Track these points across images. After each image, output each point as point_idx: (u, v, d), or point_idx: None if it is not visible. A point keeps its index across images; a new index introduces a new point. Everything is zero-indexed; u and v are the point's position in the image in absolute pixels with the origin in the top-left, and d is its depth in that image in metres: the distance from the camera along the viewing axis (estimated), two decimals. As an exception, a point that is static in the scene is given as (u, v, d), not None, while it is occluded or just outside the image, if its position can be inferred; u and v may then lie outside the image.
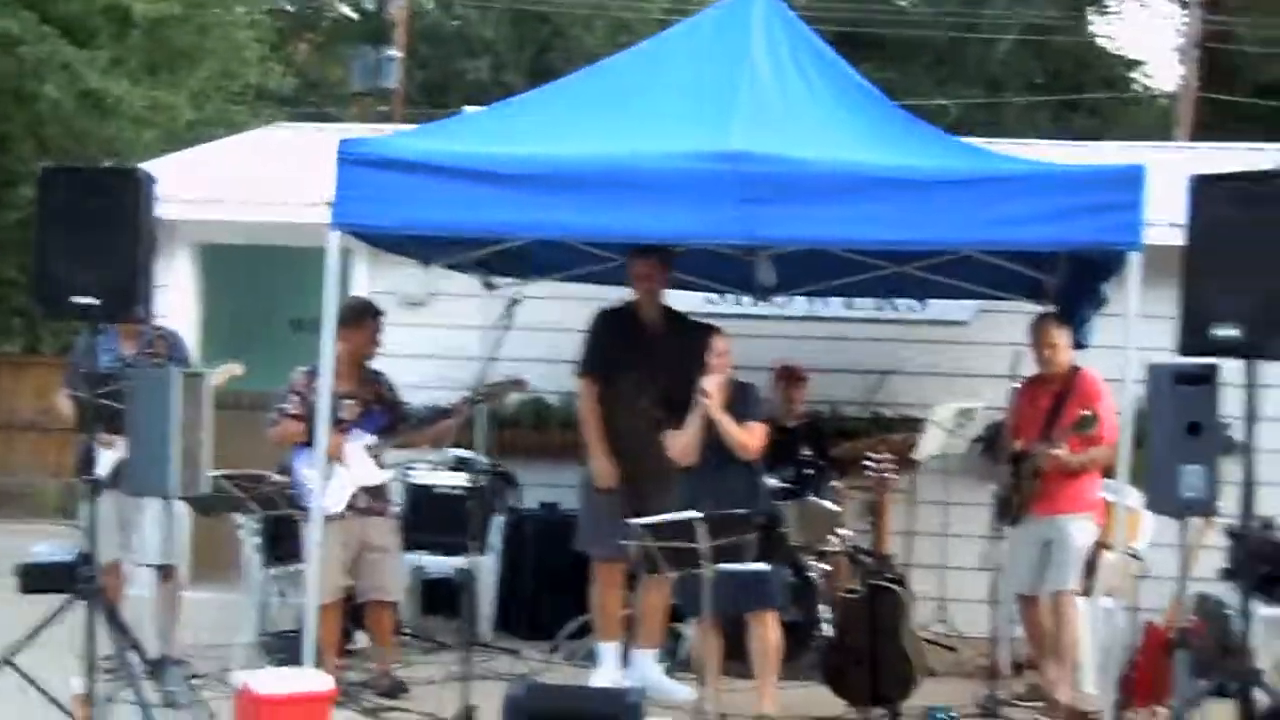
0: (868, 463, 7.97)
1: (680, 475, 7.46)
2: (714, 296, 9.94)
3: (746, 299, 9.76)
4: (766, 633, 7.29)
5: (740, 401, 7.35)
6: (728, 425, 7.22)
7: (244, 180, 10.77)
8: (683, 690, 7.80)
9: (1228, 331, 5.69)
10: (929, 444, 8.91)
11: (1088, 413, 7.52)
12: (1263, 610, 7.85)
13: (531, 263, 9.01)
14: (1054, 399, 7.86)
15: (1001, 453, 7.96)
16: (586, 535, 8.07)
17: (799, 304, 10.02)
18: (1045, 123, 25.05)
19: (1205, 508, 6.10)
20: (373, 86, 25.13)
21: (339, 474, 7.71)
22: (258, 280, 11.51)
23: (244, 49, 19.08)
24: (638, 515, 7.07)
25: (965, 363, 9.82)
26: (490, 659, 8.60)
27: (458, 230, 7.31)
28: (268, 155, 11.80)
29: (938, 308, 10.05)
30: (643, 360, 7.93)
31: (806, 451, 8.93)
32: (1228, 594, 7.84)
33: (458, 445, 9.26)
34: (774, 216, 6.66)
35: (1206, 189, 5.87)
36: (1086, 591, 7.94)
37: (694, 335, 7.69)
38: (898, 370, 10.02)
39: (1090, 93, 27.10)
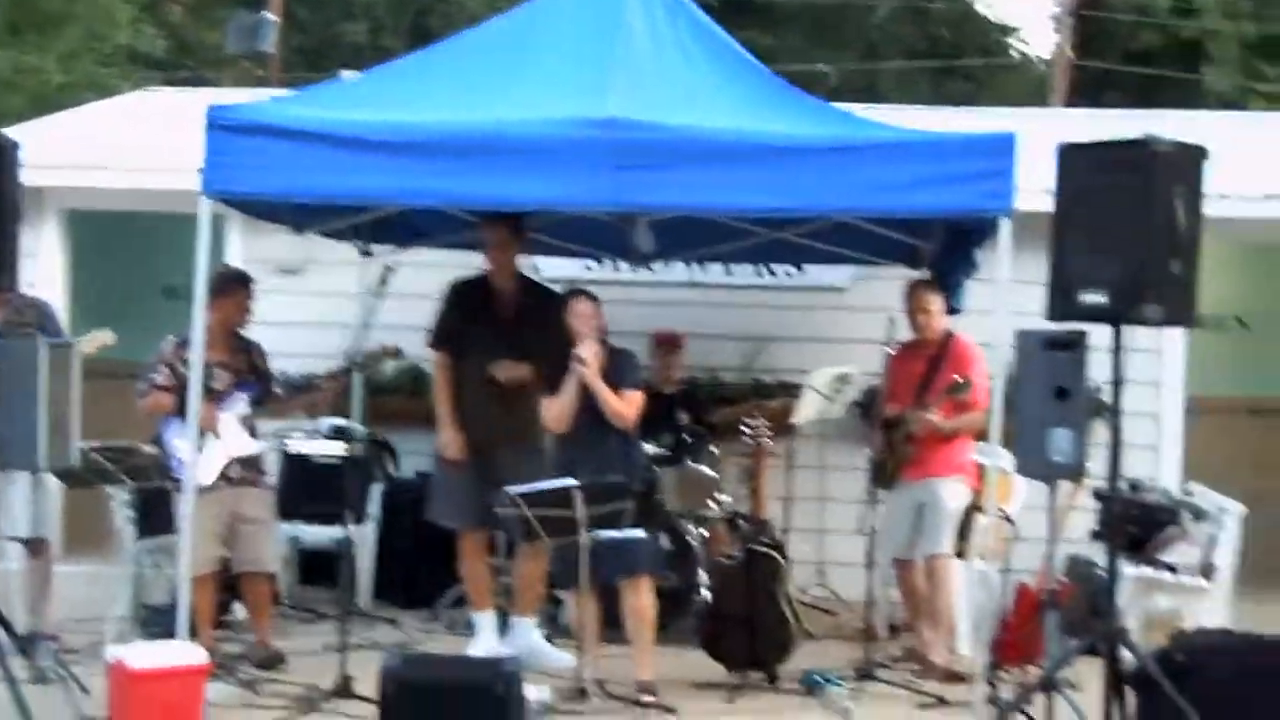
0: (745, 428, 8.01)
1: (558, 443, 7.47)
2: (592, 263, 9.93)
3: (625, 265, 9.76)
4: (640, 599, 7.30)
5: (617, 369, 7.33)
6: (603, 393, 7.21)
7: (114, 146, 10.58)
8: (562, 657, 7.81)
9: (1095, 298, 5.77)
10: (806, 409, 8.95)
11: (960, 378, 7.61)
12: (1129, 570, 8.04)
13: (407, 230, 8.95)
14: (928, 364, 7.93)
15: (877, 418, 8.05)
16: (437, 506, 8.10)
17: (677, 270, 10.03)
18: (923, 89, 25.27)
19: (1074, 471, 6.21)
20: (249, 50, 24.68)
21: (211, 445, 7.62)
22: (129, 248, 11.32)
23: (114, 10, 18.69)
24: (491, 486, 7.20)
25: (843, 328, 9.88)
26: (369, 629, 8.56)
27: (331, 197, 7.23)
28: (139, 120, 11.59)
29: (815, 274, 10.10)
30: (494, 331, 7.92)
31: (684, 418, 8.97)
32: (1097, 555, 8.04)
33: (334, 414, 9.18)
34: (649, 183, 6.66)
35: (1074, 157, 5.95)
36: (960, 554, 8.05)
37: (549, 303, 7.73)
38: (776, 336, 10.07)
39: (967, 59, 27.36)
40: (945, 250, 8.39)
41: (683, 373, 9.45)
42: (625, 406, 7.25)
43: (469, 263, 8.73)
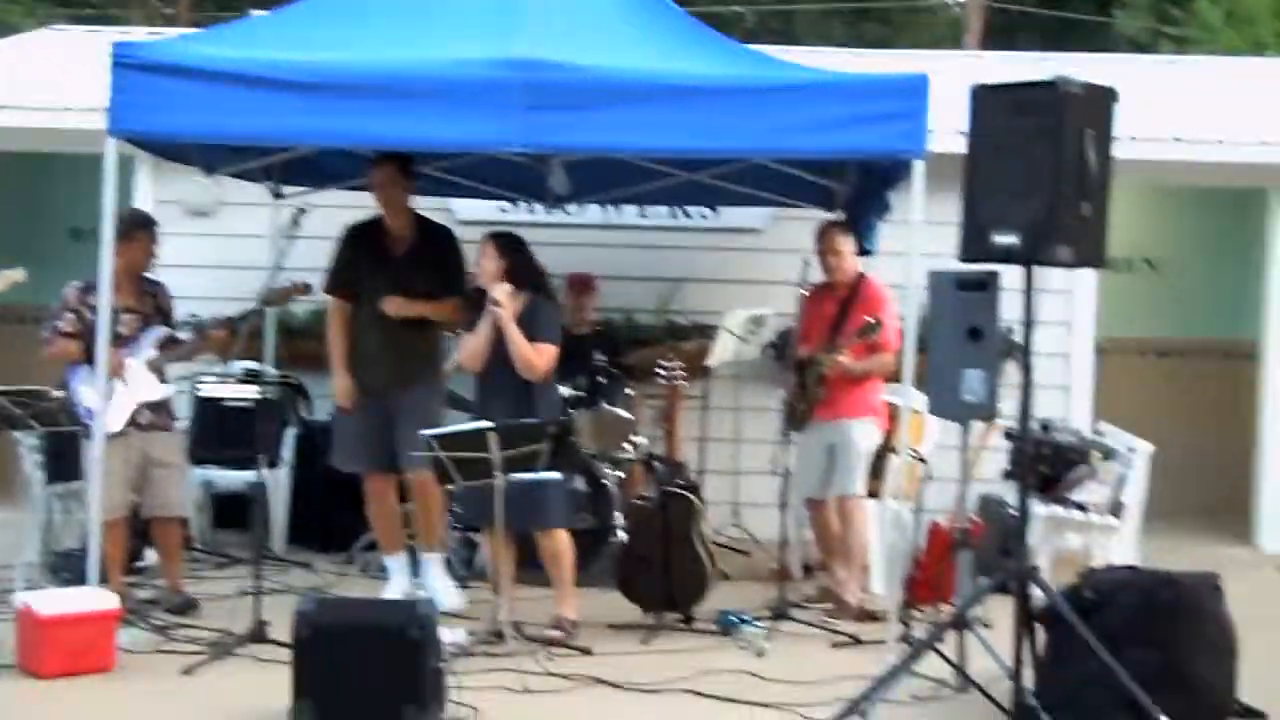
0: (660, 370, 8.01)
1: (475, 384, 7.44)
2: (507, 205, 9.88)
3: (539, 207, 9.72)
4: (554, 545, 7.33)
5: (534, 318, 7.27)
6: (516, 339, 7.15)
7: (18, 83, 10.36)
8: (454, 598, 7.82)
9: (1007, 239, 5.77)
10: (721, 351, 8.99)
11: (871, 319, 7.64)
12: (1040, 509, 8.13)
13: (319, 171, 8.87)
14: (839, 306, 7.96)
15: (790, 359, 8.07)
16: (339, 452, 8.05)
17: (593, 212, 10.00)
18: (839, 31, 25.26)
19: (986, 411, 6.27)
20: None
21: (120, 390, 7.52)
22: (36, 188, 11.13)
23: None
24: (391, 428, 7.39)
25: (757, 270, 9.91)
26: (283, 573, 8.52)
27: (240, 137, 7.15)
28: (44, 58, 11.37)
29: (730, 216, 10.11)
30: (387, 271, 7.85)
31: (600, 359, 8.95)
32: (1008, 495, 8.14)
33: (246, 357, 9.09)
34: (561, 124, 6.61)
35: (987, 99, 5.94)
36: (874, 494, 8.12)
37: (442, 242, 7.74)
38: (691, 278, 10.09)
39: (883, 1, 27.37)
40: (858, 192, 8.41)
41: (597, 315, 9.45)
42: (536, 357, 7.18)
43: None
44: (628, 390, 9.00)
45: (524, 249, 7.36)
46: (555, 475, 6.97)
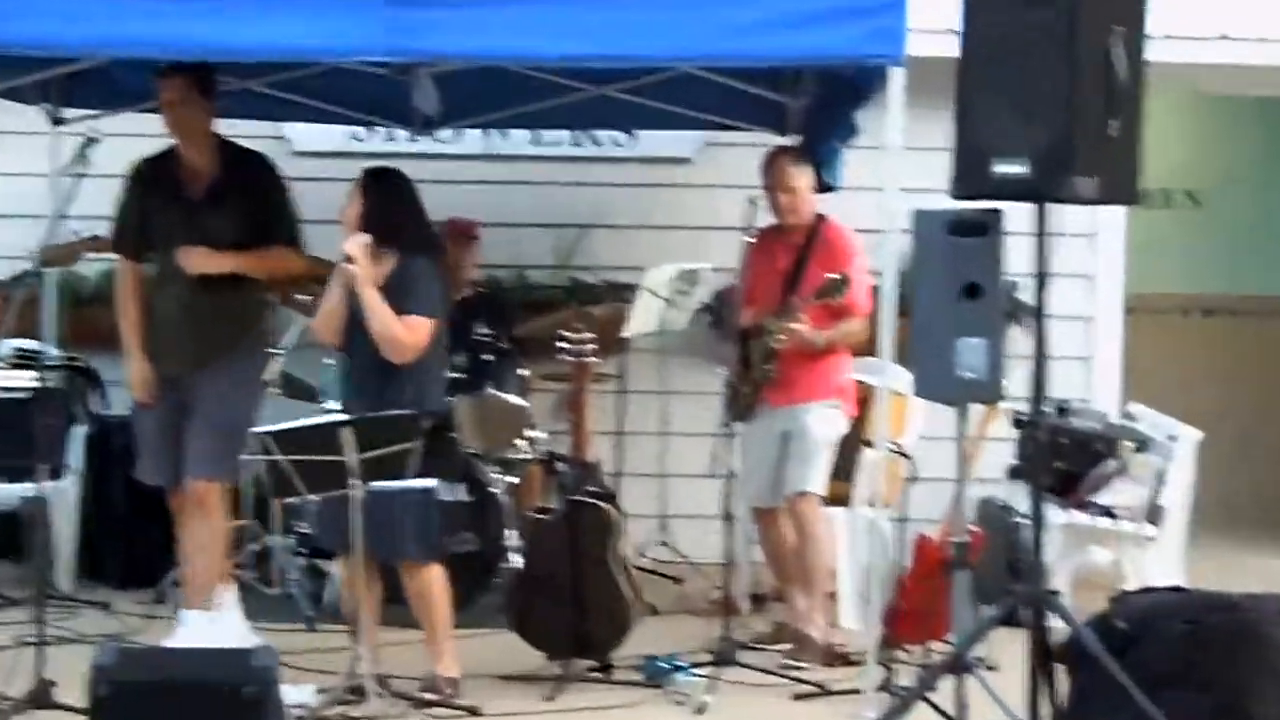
0: (564, 343, 8.00)
1: (338, 362, 7.46)
2: (360, 131, 9.90)
3: (402, 134, 9.74)
4: (423, 584, 7.24)
5: (404, 283, 7.16)
6: (375, 309, 7.01)
7: None
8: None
9: (1013, 169, 5.83)
10: (642, 317, 9.03)
11: (836, 275, 7.67)
12: (1057, 516, 8.21)
13: (112, 88, 8.78)
14: (794, 258, 7.98)
15: (731, 327, 8.10)
16: (141, 458, 7.98)
17: (471, 139, 10.04)
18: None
19: (988, 391, 6.30)
20: None
21: None
22: None
23: None
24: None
25: (687, 212, 9.97)
26: (72, 616, 8.47)
27: (7, 44, 7.07)
28: None
29: (651, 141, 10.14)
30: (184, 217, 7.75)
31: (483, 331, 8.95)
32: (1016, 498, 8.22)
33: (19, 334, 8.99)
34: (430, 23, 6.63)
35: (985, -12, 6.01)
36: (843, 500, 8.17)
37: (257, 174, 7.73)
38: (601, 223, 10.14)
39: None
40: (818, 110, 8.45)
41: (479, 273, 9.48)
42: (402, 333, 7.07)
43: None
44: (520, 370, 9.02)
45: (402, 191, 7.29)
46: (429, 483, 6.96)
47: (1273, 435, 11.24)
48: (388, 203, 7.23)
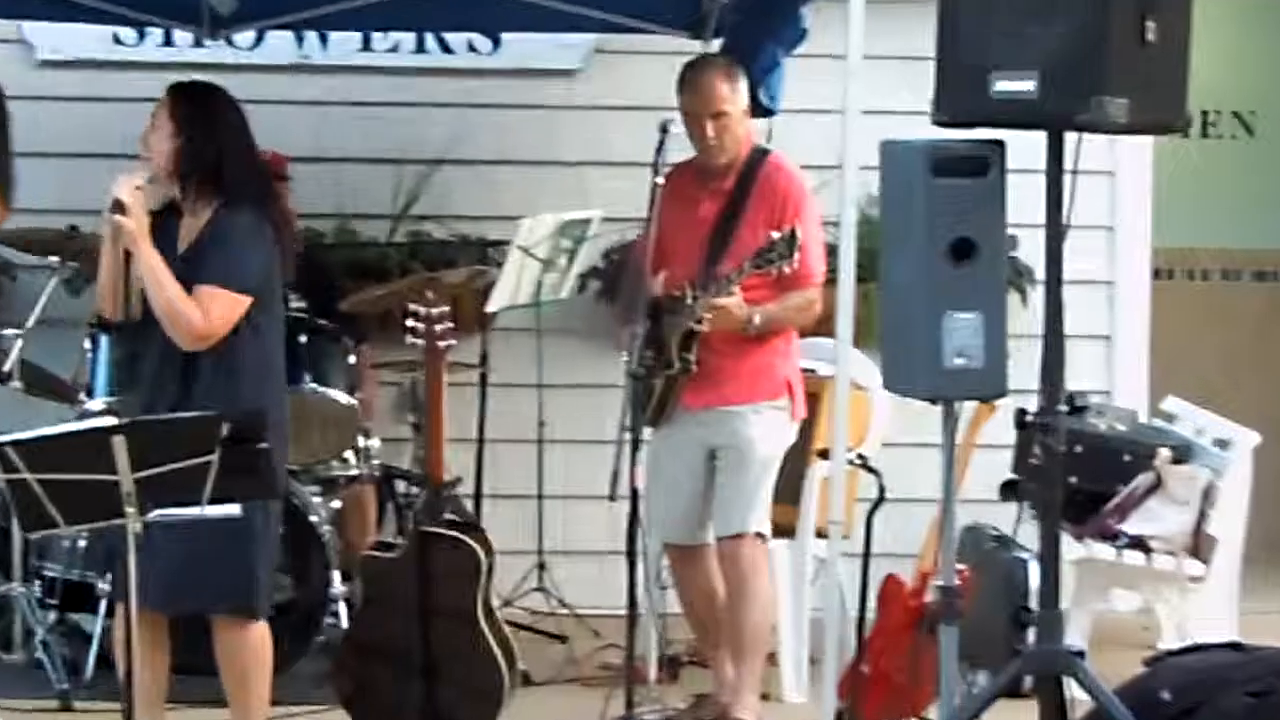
0: (412, 320, 7.90)
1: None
2: (128, 33, 9.82)
3: (184, 37, 9.67)
4: (240, 648, 7.12)
5: (215, 242, 6.98)
6: (155, 274, 6.86)
7: None
8: None
9: (1019, 85, 5.78)
10: (511, 285, 9.00)
11: (781, 232, 7.53)
12: (1072, 549, 8.15)
13: None
14: (723, 207, 7.84)
15: (634, 298, 7.94)
16: None
17: (277, 45, 9.99)
18: None
19: (987, 382, 6.22)
20: None
21: None
22: None
23: None
24: None
25: (572, 144, 9.95)
26: None
27: None
28: None
29: (523, 49, 10.09)
30: None
31: (298, 304, 8.81)
32: (1010, 524, 8.17)
33: None
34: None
35: None
36: (785, 529, 8.12)
37: None
38: (455, 158, 10.07)
39: None
40: (748, 6, 8.41)
41: (292, 225, 9.31)
42: (189, 308, 6.88)
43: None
44: (349, 357, 8.92)
45: (225, 116, 7.15)
46: (231, 510, 6.82)
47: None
48: (206, 131, 7.08)
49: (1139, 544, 8.39)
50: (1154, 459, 8.57)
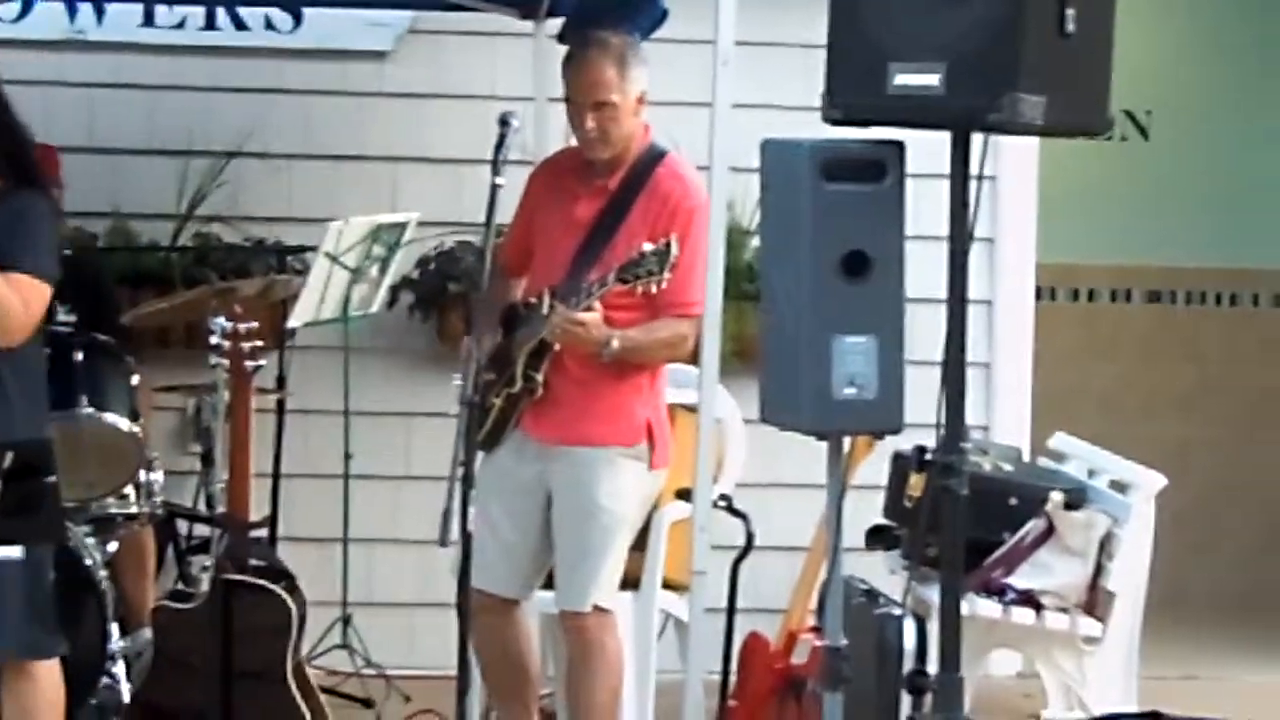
0: (216, 337, 7.83)
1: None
2: None
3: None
4: (30, 693, 7.00)
5: (9, 224, 6.90)
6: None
7: None
8: None
9: (922, 78, 5.77)
10: (315, 298, 9.03)
11: (655, 245, 7.43)
12: (979, 606, 8.21)
13: None
14: (601, 209, 7.73)
15: (483, 305, 7.77)
16: None
17: (44, 18, 9.93)
18: None
19: (882, 415, 6.16)
20: None
21: None
22: None
23: None
24: None
25: (382, 135, 9.93)
26: None
27: None
28: None
29: (325, 27, 10.08)
30: None
31: (64, 317, 8.76)
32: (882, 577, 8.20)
33: None
34: None
35: None
36: (631, 581, 8.04)
37: None
38: (250, 150, 10.03)
39: None
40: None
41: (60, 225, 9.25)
42: (10, 295, 6.79)
43: None
44: (131, 377, 8.79)
45: None
46: (12, 553, 6.76)
47: (1253, 475, 11.34)
48: None
49: (1028, 599, 8.43)
50: (1045, 504, 8.60)
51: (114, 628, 8.36)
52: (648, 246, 7.28)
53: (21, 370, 6.93)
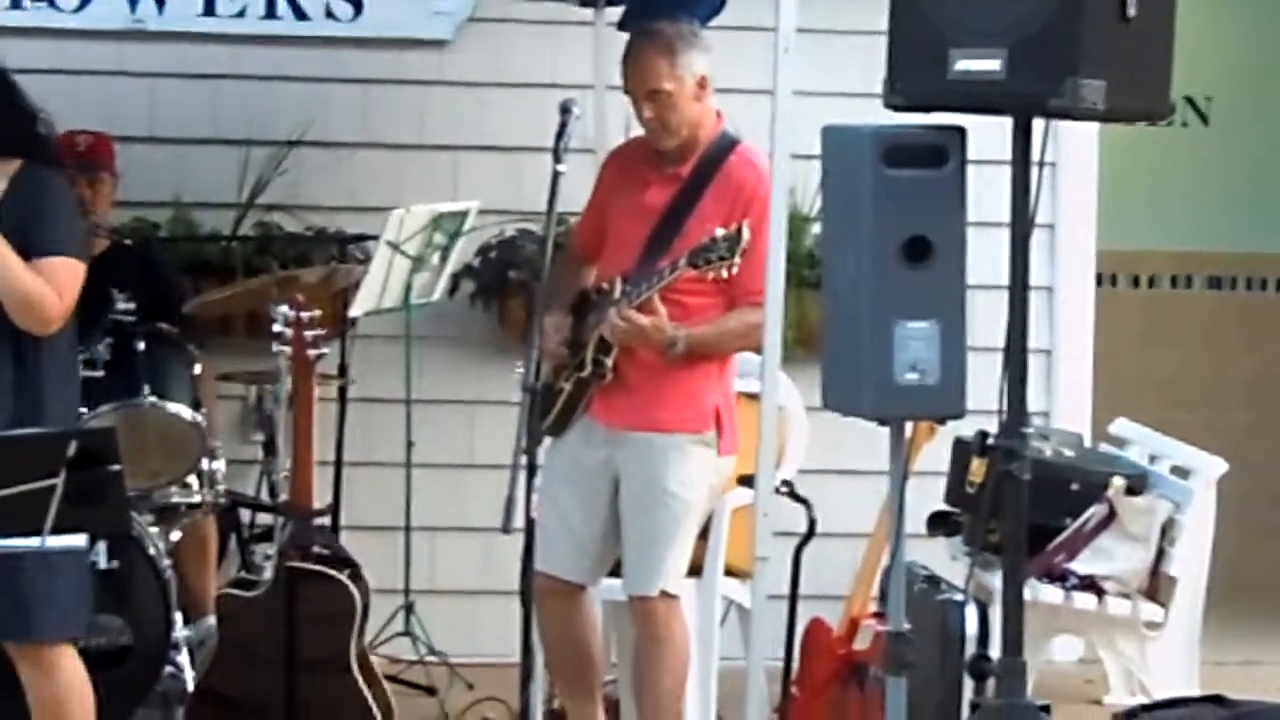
0: (278, 325, 7.85)
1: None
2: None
3: (3, -1, 9.60)
4: (55, 680, 7.01)
5: (31, 205, 6.91)
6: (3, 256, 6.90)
7: None
8: None
9: (980, 64, 5.79)
10: (377, 286, 9.02)
11: (727, 230, 7.41)
12: (1041, 591, 8.21)
13: None
14: (674, 196, 7.71)
15: (545, 292, 7.72)
16: None
17: (105, 9, 9.92)
18: None
19: (944, 400, 6.18)
20: None
21: None
22: None
23: None
24: None
25: (442, 123, 9.93)
26: None
27: None
28: None
29: (385, 16, 10.08)
30: None
31: (125, 306, 8.72)
32: (942, 562, 8.19)
33: None
34: None
35: None
36: (693, 569, 8.03)
37: None
38: (310, 139, 10.04)
39: None
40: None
41: (117, 215, 9.39)
42: (38, 283, 6.83)
43: None
44: (194, 366, 8.86)
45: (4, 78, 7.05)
46: (77, 542, 6.79)
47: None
48: None
49: (1090, 585, 8.45)
50: (1106, 489, 8.62)
51: (178, 617, 8.39)
52: (719, 231, 7.25)
53: (51, 356, 6.97)
